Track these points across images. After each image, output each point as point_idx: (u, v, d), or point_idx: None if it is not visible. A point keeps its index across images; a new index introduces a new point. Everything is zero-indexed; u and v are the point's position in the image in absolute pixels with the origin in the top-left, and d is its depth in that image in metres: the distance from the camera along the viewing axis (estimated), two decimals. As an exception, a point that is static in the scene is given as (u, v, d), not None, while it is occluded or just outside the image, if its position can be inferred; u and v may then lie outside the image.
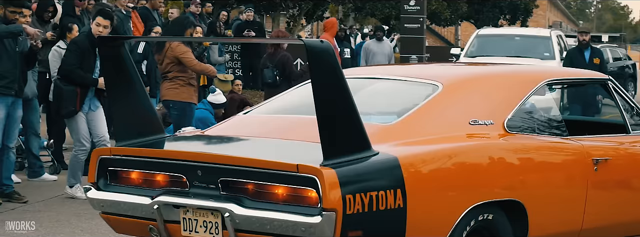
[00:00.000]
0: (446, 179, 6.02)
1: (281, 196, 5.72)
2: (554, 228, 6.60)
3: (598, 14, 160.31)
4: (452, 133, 6.26)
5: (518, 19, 48.45)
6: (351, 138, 5.64)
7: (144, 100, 6.65)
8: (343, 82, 5.60)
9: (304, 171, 5.53)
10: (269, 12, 27.93)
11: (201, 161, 5.96)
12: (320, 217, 5.48)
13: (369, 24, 42.02)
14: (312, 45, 5.57)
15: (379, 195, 5.61)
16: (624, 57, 39.57)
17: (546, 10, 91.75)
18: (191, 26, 11.44)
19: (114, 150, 6.42)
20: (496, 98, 6.69)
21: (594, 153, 6.83)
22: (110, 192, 6.37)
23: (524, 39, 21.50)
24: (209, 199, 5.91)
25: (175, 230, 6.11)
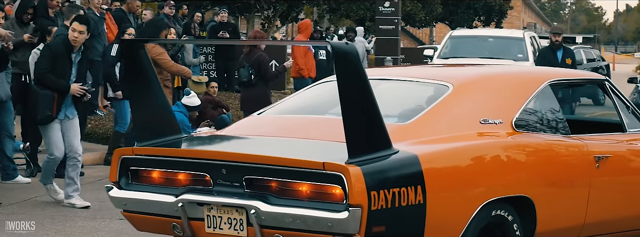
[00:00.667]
0: (462, 176, 6.25)
1: (305, 193, 5.90)
2: (560, 224, 6.83)
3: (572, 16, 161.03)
4: (464, 132, 6.50)
5: (492, 20, 48.66)
6: (374, 137, 5.85)
7: (162, 102, 6.83)
8: (367, 83, 5.80)
9: (330, 168, 5.73)
10: (243, 13, 27.94)
11: (226, 160, 6.12)
12: (347, 213, 5.67)
13: (344, 26, 42.03)
14: (337, 46, 5.80)
15: (400, 191, 5.83)
16: (598, 58, 39.75)
17: (521, 11, 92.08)
18: (166, 27, 11.44)
19: (137, 150, 6.57)
20: (504, 98, 6.94)
21: (596, 151, 7.08)
22: (132, 191, 6.52)
23: (498, 40, 21.47)
24: (234, 196, 6.07)
25: (199, 227, 6.26)
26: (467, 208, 6.20)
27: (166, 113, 6.88)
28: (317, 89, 7.47)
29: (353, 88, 5.79)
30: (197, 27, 19.79)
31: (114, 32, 15.13)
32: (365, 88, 5.80)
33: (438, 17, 46.51)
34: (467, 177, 6.27)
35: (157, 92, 6.77)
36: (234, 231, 6.13)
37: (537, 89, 7.08)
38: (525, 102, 6.93)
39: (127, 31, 12.93)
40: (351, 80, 5.80)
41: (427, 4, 43.83)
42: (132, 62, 6.72)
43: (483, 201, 6.26)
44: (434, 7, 44.36)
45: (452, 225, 6.15)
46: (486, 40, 21.67)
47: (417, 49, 39.56)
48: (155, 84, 6.75)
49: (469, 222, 6.19)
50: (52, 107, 9.78)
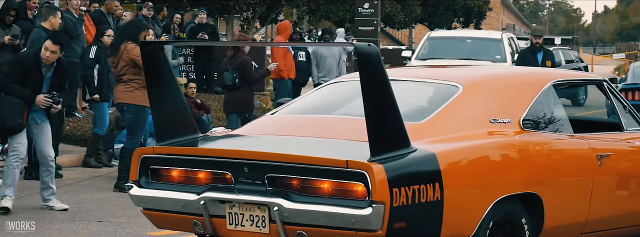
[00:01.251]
0: (477, 174, 6.45)
1: (327, 190, 6.07)
2: (565, 220, 7.03)
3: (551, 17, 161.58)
4: (475, 131, 6.71)
5: (471, 21, 48.77)
6: (394, 136, 6.06)
7: (181, 102, 6.98)
8: (388, 83, 6.00)
9: (354, 166, 5.91)
10: (222, 15, 27.91)
11: (249, 159, 6.27)
12: (371, 209, 5.84)
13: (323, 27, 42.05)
14: (362, 48, 5.98)
15: (420, 188, 6.03)
16: (576, 59, 39.87)
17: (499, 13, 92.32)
18: (144, 29, 11.43)
19: (157, 149, 6.69)
20: (511, 98, 7.14)
21: (598, 149, 7.30)
22: (152, 189, 6.64)
23: (476, 41, 21.41)
24: (256, 194, 6.22)
25: (220, 224, 6.40)
26: (481, 205, 6.39)
27: (184, 113, 7.01)
28: (328, 89, 7.67)
29: (376, 89, 5.99)
30: (176, 28, 19.75)
31: (92, 33, 15.09)
32: (387, 89, 5.98)
33: (417, 19, 46.58)
34: (481, 175, 6.47)
35: (175, 93, 6.93)
36: (255, 227, 6.28)
37: (541, 89, 7.29)
38: (531, 102, 7.13)
39: (106, 32, 12.89)
40: (374, 81, 5.99)
41: (406, 5, 43.89)
42: (152, 64, 6.89)
43: (496, 197, 6.45)
44: (413, 8, 44.42)
45: (467, 221, 6.33)
46: (464, 41, 21.62)
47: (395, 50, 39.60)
48: (174, 85, 6.93)
49: (482, 219, 6.38)
50: (22, 115, 9.66)
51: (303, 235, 6.13)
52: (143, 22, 11.96)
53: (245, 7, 26.50)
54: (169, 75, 6.93)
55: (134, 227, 9.11)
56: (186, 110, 7.05)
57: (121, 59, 10.99)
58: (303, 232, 6.11)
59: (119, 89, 11.14)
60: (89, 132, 13.66)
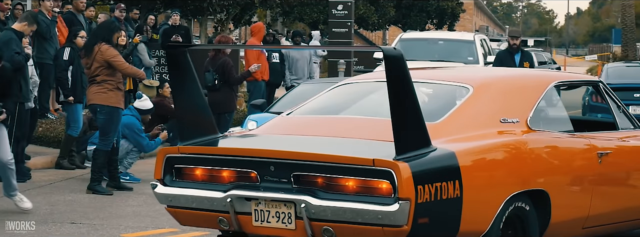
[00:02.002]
0: (492, 172, 6.77)
1: (352, 188, 6.34)
2: (569, 215, 7.35)
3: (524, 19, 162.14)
4: (487, 130, 7.01)
5: (445, 23, 48.87)
6: (417, 135, 6.36)
7: (203, 103, 7.24)
8: (412, 85, 6.30)
9: (380, 164, 6.20)
10: (196, 16, 27.85)
11: (275, 157, 6.54)
12: (398, 205, 6.12)
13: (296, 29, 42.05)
14: (389, 52, 6.30)
15: (441, 185, 6.32)
16: (549, 61, 40.06)
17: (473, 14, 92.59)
18: (118, 30, 11.42)
19: (182, 149, 6.93)
20: (518, 98, 7.45)
21: (598, 147, 7.63)
22: (177, 187, 6.87)
23: (448, 43, 21.34)
24: (281, 191, 6.48)
25: (246, 221, 6.65)
26: (495, 201, 6.67)
27: (205, 114, 7.24)
28: (340, 90, 7.92)
29: (401, 90, 6.27)
30: (149, 29, 19.72)
31: (64, 35, 15.04)
32: (411, 90, 6.28)
33: (391, 20, 46.63)
34: (496, 173, 6.78)
35: (198, 94, 7.18)
36: (281, 224, 6.52)
37: (545, 90, 7.59)
38: (536, 102, 7.44)
39: (79, 34, 12.86)
40: (400, 83, 6.28)
41: (380, 7, 43.93)
42: (176, 67, 7.12)
43: (509, 194, 6.74)
44: (387, 10, 44.46)
45: (483, 217, 6.61)
46: (436, 42, 21.54)
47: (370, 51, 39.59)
48: (196, 86, 7.15)
49: (496, 214, 6.66)
50: None
51: (329, 231, 6.37)
52: (116, 24, 11.95)
53: (219, 9, 26.45)
54: (192, 77, 7.14)
55: (107, 229, 9.11)
56: (207, 111, 7.27)
57: (95, 60, 10.97)
58: (329, 228, 6.36)
59: (92, 90, 11.12)
60: (62, 133, 13.63)
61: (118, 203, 10.61)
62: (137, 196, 11.08)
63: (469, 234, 6.58)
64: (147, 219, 9.66)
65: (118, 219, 9.66)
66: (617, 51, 59.46)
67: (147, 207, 10.34)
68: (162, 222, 9.49)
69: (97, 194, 11.05)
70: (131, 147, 12.09)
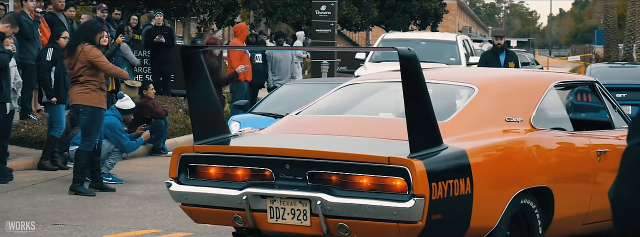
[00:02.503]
0: (500, 169, 6.95)
1: (366, 185, 6.49)
2: (571, 212, 7.55)
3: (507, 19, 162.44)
4: (493, 129, 7.19)
5: (428, 24, 48.96)
6: (430, 134, 6.52)
7: (215, 103, 7.39)
8: (425, 85, 6.46)
9: (395, 162, 6.36)
10: (179, 17, 27.81)
11: (290, 156, 6.69)
12: (413, 202, 6.27)
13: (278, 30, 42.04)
14: (403, 52, 6.47)
15: (453, 183, 6.49)
16: (532, 62, 40.13)
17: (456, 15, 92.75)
18: (100, 30, 11.41)
19: (197, 148, 7.08)
20: (521, 98, 7.66)
21: (597, 146, 7.87)
22: (192, 186, 7.02)
23: (430, 43, 21.26)
24: (297, 189, 6.64)
25: (261, 218, 6.80)
26: (503, 198, 6.86)
27: (218, 113, 7.46)
28: (346, 90, 8.10)
29: (416, 90, 6.43)
30: (130, 30, 19.68)
31: (47, 35, 15.01)
32: (425, 90, 6.44)
33: (374, 21, 46.68)
34: (504, 170, 6.96)
35: (211, 95, 7.33)
36: (297, 221, 6.67)
37: (546, 90, 7.80)
38: (539, 101, 7.64)
39: (62, 34, 12.82)
40: (414, 83, 6.44)
41: (363, 7, 43.97)
42: (191, 68, 7.26)
43: (516, 191, 6.93)
44: (370, 10, 44.51)
45: (491, 213, 6.78)
46: (418, 43, 21.42)
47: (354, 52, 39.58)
48: (209, 87, 7.31)
49: (504, 211, 6.84)
50: None
51: (344, 227, 6.52)
52: (98, 24, 11.94)
53: (202, 9, 26.41)
54: (205, 78, 7.30)
55: (90, 230, 9.09)
56: (219, 110, 7.52)
57: (78, 60, 10.95)
58: (344, 225, 6.51)
59: (75, 91, 11.09)
60: (44, 134, 13.59)
61: (100, 204, 10.60)
62: (119, 197, 11.07)
63: (478, 230, 6.74)
64: (129, 220, 9.65)
65: (100, 220, 9.65)
66: (600, 52, 59.68)
67: (130, 208, 10.33)
68: (145, 223, 9.49)
69: (80, 195, 11.03)
70: (113, 148, 12.06)
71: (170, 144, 15.47)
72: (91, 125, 11.08)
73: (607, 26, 52.08)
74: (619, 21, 54.05)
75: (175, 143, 15.88)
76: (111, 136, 12.00)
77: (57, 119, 12.86)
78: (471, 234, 6.73)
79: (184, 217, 9.96)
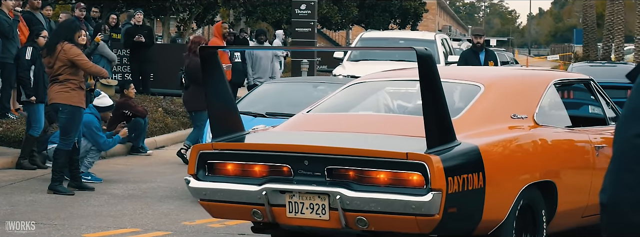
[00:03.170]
0: (510, 164, 7.22)
1: (383, 180, 6.72)
2: (572, 205, 7.83)
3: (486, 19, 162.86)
4: (500, 125, 7.47)
5: (408, 23, 49.04)
6: (445, 130, 6.76)
7: (231, 101, 7.64)
8: (441, 84, 6.69)
9: (413, 157, 6.59)
10: (159, 16, 27.76)
11: (309, 152, 6.91)
12: (431, 196, 6.51)
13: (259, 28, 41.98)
14: (421, 52, 6.70)
15: (467, 177, 6.73)
16: (512, 61, 40.23)
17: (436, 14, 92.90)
18: (79, 29, 11.39)
19: (216, 145, 7.29)
20: (524, 95, 7.93)
21: (595, 141, 8.16)
22: (210, 182, 7.22)
23: (408, 42, 21.06)
24: (315, 184, 6.85)
25: (280, 212, 7.02)
26: (512, 192, 7.11)
27: (234, 111, 7.65)
28: (353, 89, 8.37)
29: (432, 89, 6.67)
30: (107, 29, 19.64)
31: (25, 34, 14.96)
32: (441, 88, 6.67)
33: (354, 20, 46.73)
34: (513, 165, 7.23)
35: (227, 93, 7.58)
36: (315, 215, 6.88)
37: (546, 87, 8.07)
38: (540, 99, 7.91)
39: (41, 33, 12.78)
40: (431, 82, 6.68)
41: (343, 6, 44.00)
42: (209, 67, 7.50)
43: (524, 185, 7.20)
44: (350, 9, 44.55)
45: (502, 206, 7.03)
46: (397, 42, 21.32)
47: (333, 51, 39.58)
48: (225, 85, 7.56)
49: (512, 204, 7.09)
50: None
51: (363, 220, 6.74)
52: (76, 23, 11.91)
53: (182, 8, 26.38)
54: (222, 77, 7.54)
55: (69, 229, 9.06)
56: (235, 109, 7.69)
57: (58, 59, 10.93)
58: (363, 218, 6.73)
59: (54, 89, 11.07)
60: (23, 133, 13.55)
61: (79, 203, 10.57)
62: (98, 196, 11.04)
63: (489, 223, 6.98)
64: (108, 219, 9.63)
65: (79, 219, 9.62)
66: (579, 51, 59.89)
67: (109, 207, 10.30)
68: (124, 222, 9.47)
69: (58, 194, 11.00)
70: (90, 146, 12.02)
71: (149, 143, 15.44)
72: (70, 124, 11.05)
73: (586, 25, 52.27)
74: (597, 20, 54.29)
75: (154, 142, 15.85)
76: (87, 134, 11.95)
77: (35, 118, 12.82)
78: (482, 227, 6.97)
79: (163, 216, 9.96)
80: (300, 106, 11.68)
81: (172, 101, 19.41)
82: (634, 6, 41.99)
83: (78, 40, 11.27)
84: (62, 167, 11.13)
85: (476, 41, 16.56)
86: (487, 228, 7.01)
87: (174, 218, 9.79)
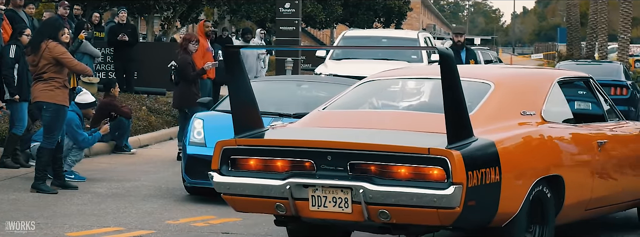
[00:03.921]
0: (523, 159, 7.49)
1: (404, 175, 6.99)
2: (577, 198, 8.10)
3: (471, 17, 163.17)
4: (512, 122, 7.73)
5: (392, 21, 49.04)
6: (464, 127, 7.02)
7: (252, 98, 7.80)
8: (460, 82, 6.97)
9: (435, 152, 6.87)
10: (143, 14, 27.73)
11: (332, 148, 7.17)
12: (453, 189, 6.78)
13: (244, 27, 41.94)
14: (443, 51, 7.01)
15: (485, 171, 7.01)
16: (495, 59, 40.32)
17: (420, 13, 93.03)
18: (62, 27, 11.37)
19: (240, 141, 7.53)
20: (531, 92, 8.20)
21: (597, 137, 8.46)
22: (233, 176, 7.45)
23: (391, 41, 21.00)
24: (338, 179, 7.12)
25: (303, 206, 7.27)
26: (525, 185, 7.39)
27: (255, 108, 7.84)
28: (366, 86, 8.56)
29: (453, 86, 6.93)
30: (90, 27, 19.59)
31: (8, 32, 14.90)
32: (460, 86, 6.95)
33: (338, 19, 46.69)
34: (526, 160, 7.51)
35: (249, 90, 7.76)
36: (338, 208, 7.14)
37: (551, 85, 8.35)
38: (546, 96, 8.20)
39: (25, 32, 12.75)
40: (452, 80, 6.94)
41: (327, 5, 43.98)
42: (233, 65, 7.73)
43: (535, 179, 7.47)
44: (335, 8, 44.52)
45: (515, 200, 7.30)
46: (380, 41, 21.16)
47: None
48: (247, 83, 7.75)
49: (525, 197, 7.36)
50: None
51: (385, 213, 7.00)
52: (60, 21, 11.89)
53: (166, 7, 26.37)
54: (244, 75, 7.77)
55: (51, 228, 9.05)
56: (256, 106, 7.85)
57: (43, 57, 10.91)
58: (385, 211, 6.99)
59: (38, 88, 11.04)
60: (6, 132, 13.51)
61: (63, 202, 10.55)
62: (82, 195, 11.02)
63: (503, 216, 7.23)
64: (92, 218, 9.61)
65: (62, 218, 9.60)
66: (563, 50, 60.03)
67: (93, 206, 10.29)
68: (108, 221, 9.46)
69: (42, 193, 10.97)
70: (72, 144, 11.99)
71: (133, 142, 15.42)
72: (54, 122, 11.03)
73: (570, 24, 52.42)
74: (581, 19, 54.44)
75: (138, 141, 15.83)
76: (67, 131, 11.90)
77: (18, 117, 12.79)
78: (497, 219, 7.21)
79: (146, 215, 9.95)
80: (284, 105, 11.73)
81: (156, 100, 19.39)
82: (617, 5, 42.13)
83: (62, 38, 11.25)
84: (45, 166, 11.11)
85: (457, 40, 16.64)
86: (501, 220, 7.26)
87: (157, 217, 9.78)
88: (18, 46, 12.58)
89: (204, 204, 10.51)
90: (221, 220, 9.63)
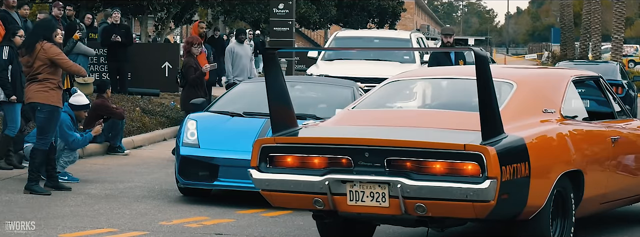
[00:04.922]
0: (549, 154, 7.84)
1: (440, 170, 7.33)
2: (595, 192, 8.45)
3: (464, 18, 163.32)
4: (535, 119, 8.08)
5: (386, 22, 49.07)
6: (496, 124, 7.38)
7: (288, 99, 8.14)
8: (493, 82, 7.32)
9: (471, 149, 7.24)
10: (136, 15, 27.71)
11: (370, 145, 7.50)
12: (488, 183, 7.14)
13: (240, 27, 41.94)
14: (479, 52, 7.33)
15: (516, 166, 7.36)
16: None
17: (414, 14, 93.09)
18: (56, 28, 11.39)
19: (278, 139, 7.86)
20: (550, 91, 8.54)
21: (610, 134, 8.82)
22: (272, 173, 7.77)
23: (384, 41, 20.96)
24: (375, 174, 7.45)
25: (341, 201, 7.60)
26: (551, 180, 7.74)
27: (290, 108, 8.15)
28: (392, 86, 8.88)
29: (486, 86, 7.28)
30: (83, 27, 19.56)
31: (1, 33, 14.88)
32: (493, 86, 7.32)
33: (332, 19, 46.70)
34: (552, 155, 7.87)
35: (285, 91, 8.10)
36: (376, 202, 7.48)
37: (567, 84, 8.68)
38: (564, 94, 8.54)
39: (18, 33, 12.73)
40: (486, 80, 7.29)
41: (321, 6, 43.98)
42: (271, 67, 8.08)
43: (559, 173, 7.83)
44: (328, 9, 44.52)
45: (542, 193, 7.66)
46: (372, 41, 21.06)
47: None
48: (283, 84, 8.09)
49: (550, 191, 7.72)
50: None
51: (422, 207, 7.35)
52: (54, 21, 11.88)
53: (159, 8, 26.33)
54: (281, 75, 8.12)
55: (45, 229, 9.04)
56: (291, 105, 8.17)
57: (37, 58, 10.91)
58: (422, 205, 7.34)
59: (32, 89, 11.03)
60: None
61: (56, 203, 10.54)
62: (75, 196, 11.02)
63: (531, 209, 7.60)
64: (85, 219, 9.61)
65: (56, 219, 9.60)
66: (556, 50, 60.06)
67: (86, 207, 10.28)
68: (101, 222, 9.45)
69: (35, 194, 10.96)
70: (64, 145, 11.97)
71: (126, 143, 15.41)
72: (48, 123, 11.03)
73: (564, 24, 52.44)
74: (575, 20, 54.47)
75: (132, 142, 15.82)
76: (59, 132, 11.89)
77: (12, 118, 12.77)
78: (526, 212, 7.57)
79: (140, 216, 9.95)
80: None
81: (149, 101, 19.37)
82: (611, 5, 42.18)
83: (55, 39, 11.25)
84: (38, 167, 11.10)
85: (446, 41, 16.63)
86: (529, 213, 7.60)
87: (151, 218, 9.78)
88: (11, 47, 12.56)
89: (197, 205, 10.51)
90: (214, 221, 9.64)
